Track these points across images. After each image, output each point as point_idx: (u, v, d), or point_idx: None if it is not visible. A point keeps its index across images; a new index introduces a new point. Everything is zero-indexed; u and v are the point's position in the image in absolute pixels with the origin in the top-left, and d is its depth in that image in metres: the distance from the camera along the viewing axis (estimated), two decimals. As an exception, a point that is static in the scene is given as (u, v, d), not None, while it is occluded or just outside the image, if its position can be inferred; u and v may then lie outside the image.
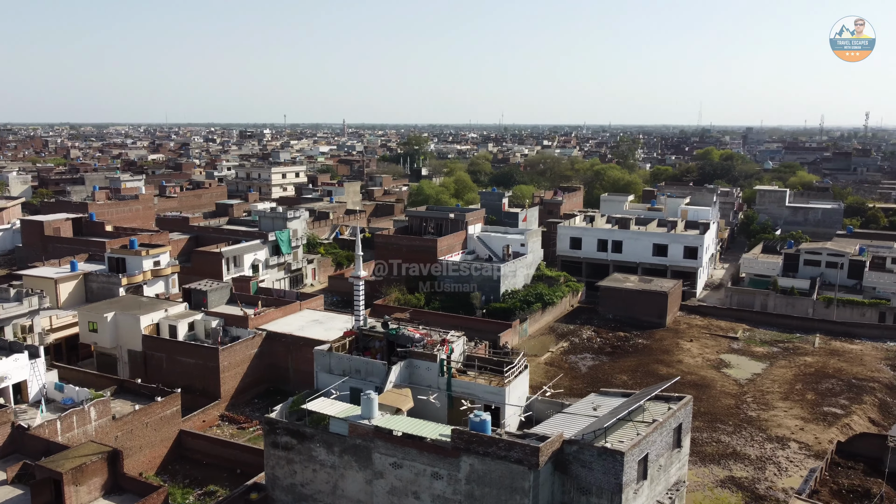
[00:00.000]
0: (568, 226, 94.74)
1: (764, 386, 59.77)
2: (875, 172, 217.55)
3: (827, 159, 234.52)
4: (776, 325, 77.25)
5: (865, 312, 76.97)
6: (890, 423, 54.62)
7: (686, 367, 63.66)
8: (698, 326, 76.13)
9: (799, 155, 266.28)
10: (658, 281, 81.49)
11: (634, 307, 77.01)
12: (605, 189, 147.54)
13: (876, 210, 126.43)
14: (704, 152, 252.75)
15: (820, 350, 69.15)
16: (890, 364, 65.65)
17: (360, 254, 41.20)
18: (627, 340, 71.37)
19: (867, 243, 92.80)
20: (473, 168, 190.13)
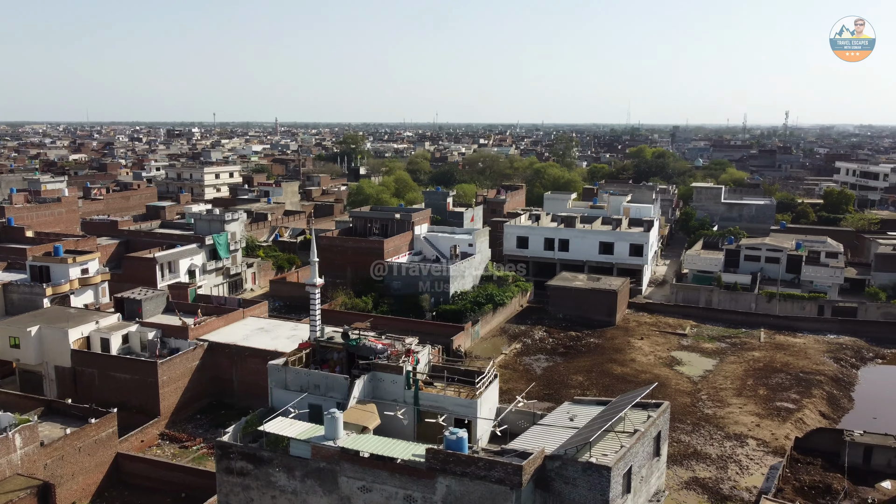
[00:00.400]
0: (514, 225, 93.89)
1: (717, 382, 60.07)
2: (798, 169, 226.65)
3: (753, 157, 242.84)
4: (721, 320, 78.26)
5: (805, 306, 78.80)
6: (839, 415, 55.70)
7: (640, 366, 63.48)
8: (647, 324, 76.36)
9: (726, 152, 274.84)
10: (606, 279, 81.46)
11: (584, 306, 76.64)
12: (546, 187, 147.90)
13: (805, 206, 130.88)
14: (637, 150, 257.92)
15: (766, 344, 70.25)
16: (832, 356, 67.15)
17: (316, 260, 38.71)
18: (579, 340, 70.84)
19: (802, 238, 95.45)
20: (412, 167, 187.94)
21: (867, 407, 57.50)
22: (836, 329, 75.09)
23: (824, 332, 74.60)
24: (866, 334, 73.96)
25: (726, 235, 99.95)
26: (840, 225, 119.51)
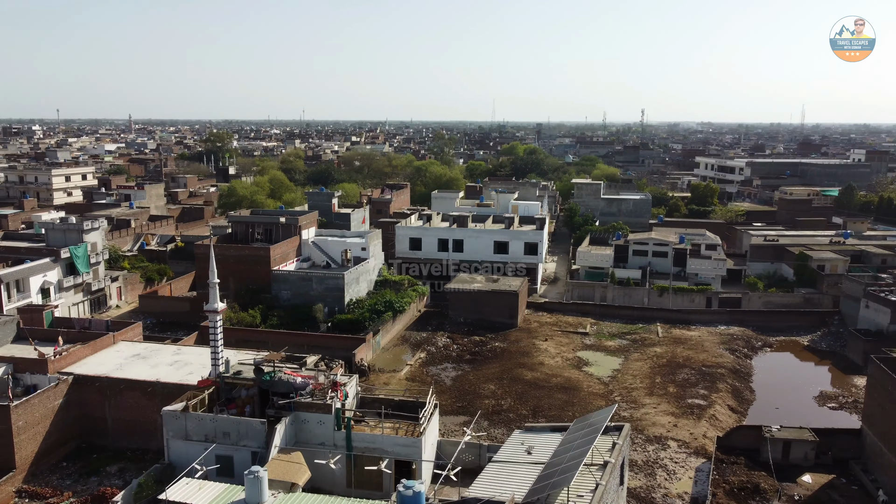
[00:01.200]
0: (406, 226, 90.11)
1: (627, 382, 59.39)
2: (659, 164, 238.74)
3: (618, 153, 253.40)
4: (618, 316, 78.58)
5: (695, 298, 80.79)
6: (745, 408, 56.47)
7: (549, 370, 61.75)
8: (548, 324, 75.16)
9: (591, 149, 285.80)
10: (505, 279, 79.59)
11: (485, 309, 74.25)
12: (428, 186, 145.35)
13: (677, 199, 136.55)
14: (510, 147, 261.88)
15: (665, 339, 70.93)
16: (727, 348, 68.75)
17: (216, 281, 32.80)
18: (484, 345, 68.26)
19: (683, 231, 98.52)
20: (286, 166, 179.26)
21: (767, 397, 58.82)
22: (725, 320, 77.40)
23: (715, 323, 76.63)
24: (751, 324, 76.72)
25: (612, 231, 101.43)
26: (710, 217, 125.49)
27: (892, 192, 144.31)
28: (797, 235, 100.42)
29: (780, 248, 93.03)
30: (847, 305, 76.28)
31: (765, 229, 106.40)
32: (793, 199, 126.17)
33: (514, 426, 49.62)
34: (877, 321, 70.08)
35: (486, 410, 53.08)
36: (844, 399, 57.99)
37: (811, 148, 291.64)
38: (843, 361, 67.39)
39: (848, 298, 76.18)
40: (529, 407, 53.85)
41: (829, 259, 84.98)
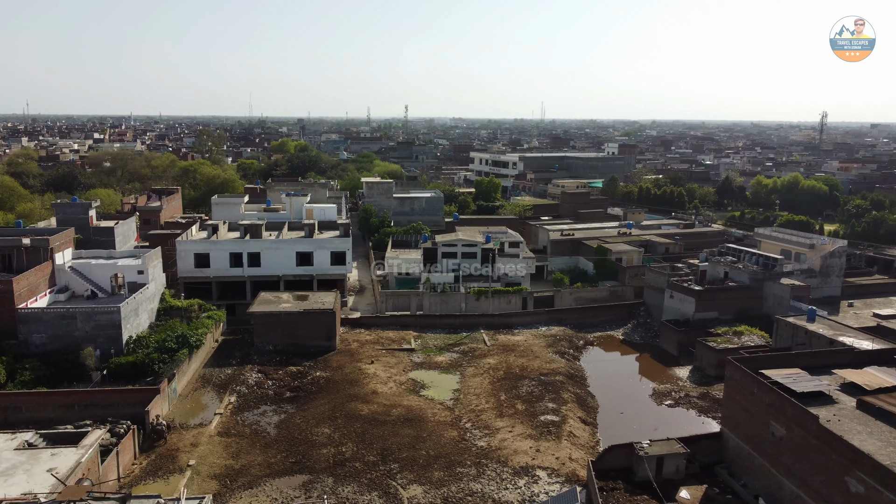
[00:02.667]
0: (190, 240, 76.70)
1: (472, 404, 54.23)
2: (433, 159, 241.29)
3: (392, 148, 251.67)
4: (439, 326, 73.67)
5: (511, 300, 78.59)
6: (594, 417, 54.20)
7: (385, 399, 54.53)
8: (370, 343, 67.77)
9: (363, 145, 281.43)
10: (315, 296, 70.53)
11: (298, 332, 64.78)
12: (199, 189, 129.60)
13: (465, 196, 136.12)
14: (280, 144, 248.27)
15: (494, 347, 67.26)
16: (555, 351, 66.94)
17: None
18: (304, 376, 58.98)
19: (483, 229, 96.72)
20: (14, 169, 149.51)
21: (608, 401, 57.38)
22: (544, 320, 76.11)
23: (535, 324, 74.93)
24: (568, 322, 76.32)
25: (413, 232, 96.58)
26: (499, 213, 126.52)
27: (648, 183, 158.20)
28: (588, 228, 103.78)
29: (578, 243, 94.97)
30: (651, 296, 78.97)
31: (556, 223, 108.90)
32: (574, 192, 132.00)
33: (364, 479, 41.89)
34: (682, 310, 72.95)
35: (328, 462, 44.54)
36: (677, 395, 58.37)
37: (561, 142, 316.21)
38: (659, 353, 68.95)
39: (651, 289, 78.89)
40: (376, 450, 46.23)
41: (625, 251, 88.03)
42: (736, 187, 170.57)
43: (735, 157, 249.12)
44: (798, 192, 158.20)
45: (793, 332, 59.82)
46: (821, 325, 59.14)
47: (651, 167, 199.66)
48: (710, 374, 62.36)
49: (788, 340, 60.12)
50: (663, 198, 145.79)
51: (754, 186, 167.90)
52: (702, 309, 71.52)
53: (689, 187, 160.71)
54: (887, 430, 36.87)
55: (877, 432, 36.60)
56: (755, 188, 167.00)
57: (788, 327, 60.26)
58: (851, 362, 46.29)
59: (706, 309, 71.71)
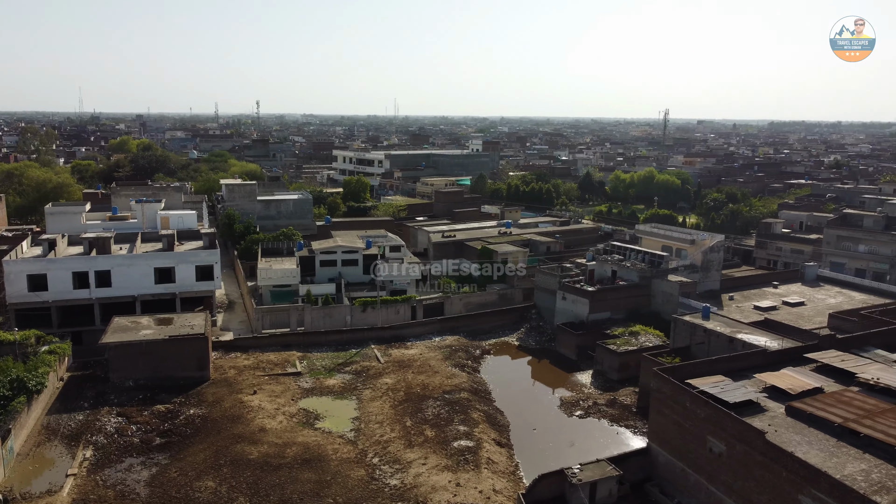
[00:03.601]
0: (20, 259, 64.79)
1: (376, 434, 48.68)
2: (291, 158, 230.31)
3: (247, 146, 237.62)
4: (325, 343, 67.23)
5: (400, 310, 73.47)
6: (507, 437, 50.53)
7: (277, 437, 47.71)
8: (249, 368, 60.11)
9: (214, 143, 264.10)
10: (180, 318, 61.70)
11: (163, 363, 55.95)
12: (28, 196, 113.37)
13: (335, 197, 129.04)
14: (120, 143, 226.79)
15: (388, 365, 61.92)
16: (453, 363, 62.83)
17: None
18: (176, 416, 50.63)
19: (362, 233, 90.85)
20: None
21: (517, 416, 53.97)
22: (436, 329, 71.88)
23: (427, 335, 70.50)
24: (461, 330, 72.65)
25: (284, 238, 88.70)
26: (372, 214, 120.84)
27: (515, 180, 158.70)
28: (468, 228, 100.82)
29: (461, 245, 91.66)
30: (542, 298, 76.95)
31: (434, 224, 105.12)
32: (448, 191, 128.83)
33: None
34: (575, 312, 71.35)
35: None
36: (585, 403, 56.08)
37: (420, 139, 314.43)
38: (558, 358, 66.82)
39: (542, 291, 76.85)
40: (274, 504, 39.62)
41: (510, 252, 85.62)
42: (596, 182, 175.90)
43: (588, 153, 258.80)
44: (653, 186, 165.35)
45: (691, 332, 59.40)
46: (717, 323, 59.15)
47: (514, 163, 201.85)
48: (613, 378, 60.88)
49: (686, 339, 59.69)
50: (532, 194, 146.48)
51: (613, 181, 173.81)
52: (596, 310, 70.26)
53: (554, 183, 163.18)
54: (823, 437, 35.80)
55: (815, 441, 35.40)
56: (614, 183, 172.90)
57: (686, 326, 59.80)
58: (766, 363, 45.73)
59: (600, 309, 70.55)
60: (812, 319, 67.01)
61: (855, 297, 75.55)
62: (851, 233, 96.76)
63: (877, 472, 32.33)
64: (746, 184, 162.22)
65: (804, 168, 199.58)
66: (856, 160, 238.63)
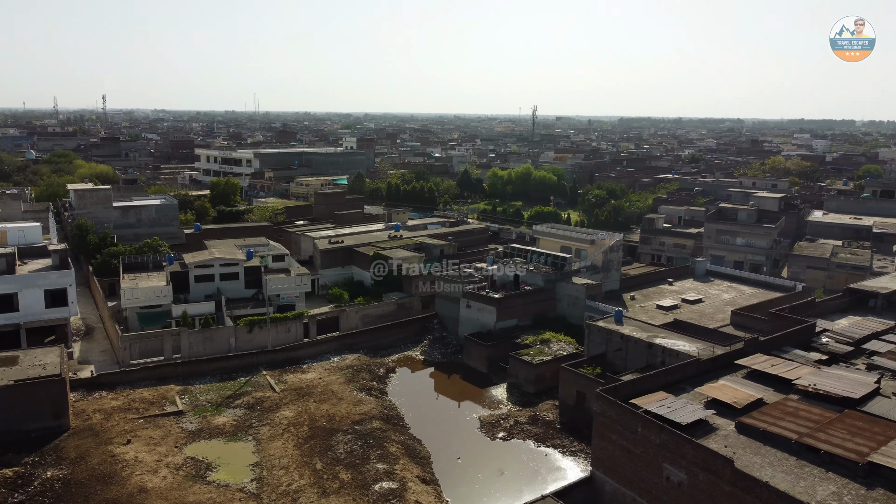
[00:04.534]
0: None
1: (283, 483, 41.99)
2: (147, 157, 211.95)
3: (95, 145, 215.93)
4: (208, 373, 59.03)
5: (291, 328, 66.31)
6: (431, 471, 45.51)
7: (163, 499, 39.82)
8: (118, 410, 51.01)
9: (55, 141, 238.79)
10: (29, 356, 51.41)
11: (8, 415, 45.97)
12: None
13: (203, 200, 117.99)
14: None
15: (285, 394, 54.96)
16: (358, 387, 56.93)
17: None
18: (28, 482, 41.25)
19: (241, 243, 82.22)
20: None
21: (437, 445, 49.11)
22: (334, 348, 65.55)
23: (325, 355, 64.04)
24: (361, 346, 66.84)
25: (152, 251, 78.41)
26: (246, 219, 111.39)
27: (395, 178, 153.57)
28: (356, 233, 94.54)
29: (350, 251, 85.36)
30: (444, 307, 72.52)
31: (317, 228, 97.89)
32: (329, 192, 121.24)
33: None
34: (481, 321, 67.51)
35: None
36: (506, 423, 52.14)
37: (287, 136, 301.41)
38: (468, 372, 62.69)
39: (444, 300, 72.40)
40: (168, 590, 32.24)
41: (406, 258, 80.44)
42: (474, 179, 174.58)
43: (461, 150, 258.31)
44: (531, 182, 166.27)
45: (606, 338, 57.10)
46: (632, 328, 57.21)
47: (390, 161, 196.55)
48: (530, 391, 57.51)
49: (601, 346, 57.35)
50: (413, 194, 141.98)
51: (491, 178, 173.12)
52: (503, 317, 66.74)
53: (434, 181, 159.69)
54: (782, 456, 33.69)
55: (776, 462, 33.18)
56: (492, 180, 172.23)
57: (601, 333, 57.43)
58: (699, 373, 43.77)
59: (507, 317, 67.12)
60: (714, 317, 67.16)
61: (745, 291, 77.23)
62: (730, 226, 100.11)
63: (848, 495, 30.40)
64: (618, 179, 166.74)
65: (667, 163, 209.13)
66: (708, 154, 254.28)
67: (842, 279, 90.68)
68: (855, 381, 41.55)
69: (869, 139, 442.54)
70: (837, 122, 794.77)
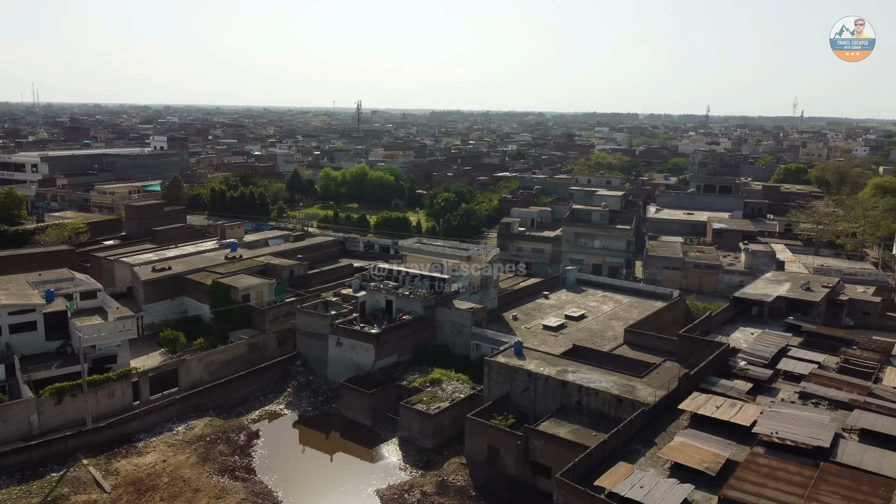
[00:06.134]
0: None
1: None
2: None
3: None
4: (1, 471, 43.60)
5: (116, 391, 52.02)
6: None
7: None
8: None
9: None
10: None
11: None
12: None
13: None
14: None
15: (120, 493, 41.54)
16: (217, 468, 44.95)
17: None
18: None
19: (32, 278, 64.92)
20: None
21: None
22: (176, 413, 52.37)
23: (165, 425, 50.74)
24: (210, 405, 54.45)
25: None
26: (37, 240, 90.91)
27: (217, 183, 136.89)
28: (183, 255, 79.67)
29: (181, 280, 71.08)
30: (307, 345, 61.53)
31: (133, 250, 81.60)
32: (142, 203, 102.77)
33: None
34: (357, 360, 57.69)
35: None
36: (412, 497, 43.09)
37: (79, 134, 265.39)
38: (349, 427, 52.87)
39: (307, 336, 61.38)
40: None
41: (252, 286, 67.92)
42: (305, 181, 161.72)
43: (283, 147, 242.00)
44: (367, 183, 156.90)
45: (510, 376, 49.97)
46: (536, 361, 50.55)
47: (207, 162, 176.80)
48: (428, 447, 48.99)
49: (505, 386, 50.19)
50: (241, 201, 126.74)
51: (323, 179, 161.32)
52: (382, 355, 57.42)
53: (262, 184, 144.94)
54: (785, 541, 28.16)
55: (786, 552, 27.51)
56: (324, 181, 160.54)
57: (504, 371, 50.17)
58: (644, 423, 37.75)
59: (386, 354, 57.87)
60: (604, 335, 62.85)
61: (622, 301, 74.29)
62: (588, 229, 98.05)
63: None
64: (456, 178, 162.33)
65: (497, 159, 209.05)
66: (533, 150, 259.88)
67: (696, 278, 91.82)
68: (810, 421, 37.70)
69: (658, 131, 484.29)
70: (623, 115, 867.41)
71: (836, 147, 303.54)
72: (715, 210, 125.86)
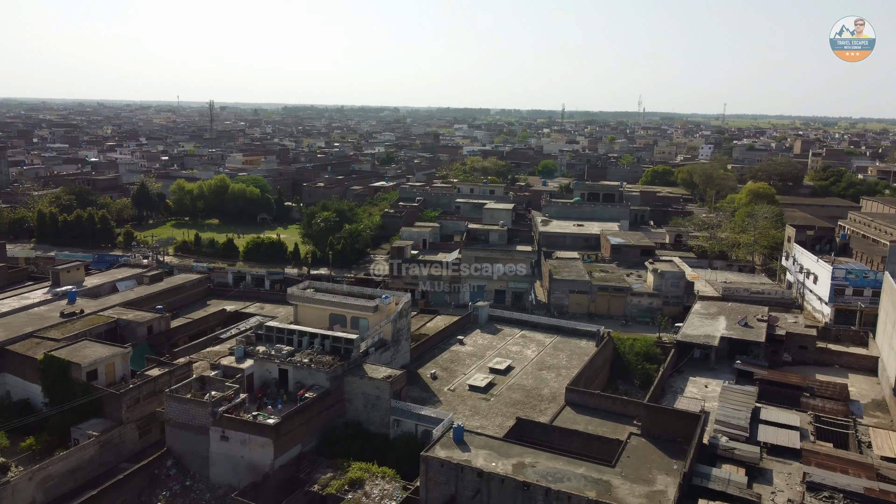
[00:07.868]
0: None
1: None
2: None
3: None
4: None
5: None
6: None
7: None
8: None
9: None
10: None
11: None
12: None
13: None
14: None
15: None
16: None
17: None
18: None
19: None
20: None
21: None
22: None
23: None
24: None
25: None
26: None
27: (47, 204, 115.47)
28: (4, 313, 62.35)
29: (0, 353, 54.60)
30: (180, 440, 47.93)
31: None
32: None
33: None
34: (250, 459, 45.29)
35: None
36: None
37: None
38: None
39: (180, 429, 47.82)
40: None
41: (104, 358, 52.86)
42: (155, 195, 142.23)
43: (125, 152, 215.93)
44: (228, 196, 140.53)
45: (455, 476, 40.01)
46: (482, 451, 40.94)
47: (32, 175, 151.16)
48: (357, 582, 37.83)
49: (449, 487, 40.17)
50: (78, 226, 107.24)
51: (177, 192, 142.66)
52: (283, 449, 45.37)
53: (103, 202, 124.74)
54: None
55: None
56: (178, 194, 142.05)
57: (447, 470, 40.08)
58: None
59: (289, 447, 45.89)
60: (540, 394, 54.54)
61: (545, 342, 66.68)
62: (488, 253, 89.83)
63: None
64: (329, 188, 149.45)
65: (369, 165, 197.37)
66: (401, 152, 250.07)
67: (604, 302, 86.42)
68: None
69: (514, 128, 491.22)
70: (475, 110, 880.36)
71: (682, 144, 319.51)
72: (602, 220, 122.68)
